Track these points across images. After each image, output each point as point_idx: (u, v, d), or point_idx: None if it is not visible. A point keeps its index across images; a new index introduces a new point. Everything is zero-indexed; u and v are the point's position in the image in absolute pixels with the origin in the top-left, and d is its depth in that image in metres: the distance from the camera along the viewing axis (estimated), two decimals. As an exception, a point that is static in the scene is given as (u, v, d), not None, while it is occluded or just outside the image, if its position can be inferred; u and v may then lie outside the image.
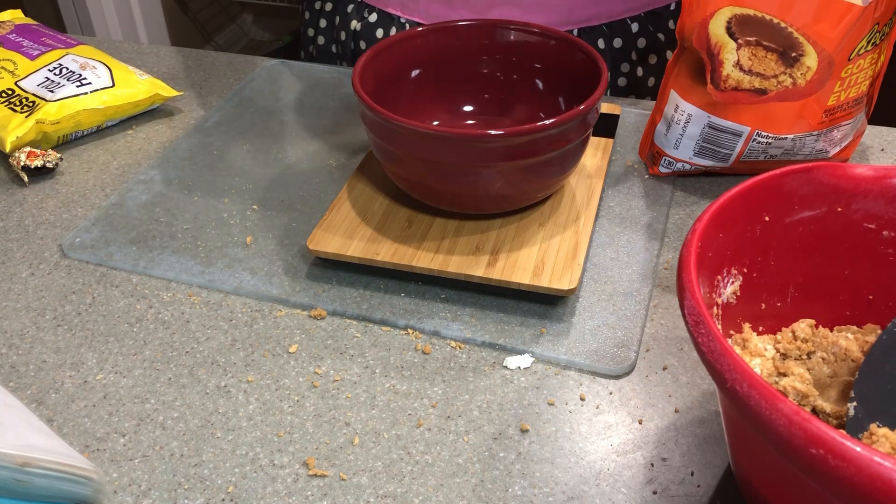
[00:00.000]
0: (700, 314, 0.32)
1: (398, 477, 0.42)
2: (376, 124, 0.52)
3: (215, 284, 0.55)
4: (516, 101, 0.63)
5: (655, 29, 0.80)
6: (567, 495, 0.41)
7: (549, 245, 0.53)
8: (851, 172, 0.41)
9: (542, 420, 0.45)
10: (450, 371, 0.48)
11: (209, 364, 0.49)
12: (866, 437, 0.36)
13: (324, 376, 0.48)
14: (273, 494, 0.42)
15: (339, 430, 0.45)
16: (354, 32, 0.84)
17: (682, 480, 0.42)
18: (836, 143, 0.60)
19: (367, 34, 0.84)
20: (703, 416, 0.45)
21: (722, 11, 0.54)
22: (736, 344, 0.41)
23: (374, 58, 0.57)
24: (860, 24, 0.53)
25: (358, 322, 0.52)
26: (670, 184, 0.63)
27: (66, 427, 0.46)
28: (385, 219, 0.56)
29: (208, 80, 0.81)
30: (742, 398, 0.29)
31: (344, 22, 0.85)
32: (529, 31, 0.60)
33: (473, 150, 0.50)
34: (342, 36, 0.86)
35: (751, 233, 0.40)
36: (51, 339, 0.51)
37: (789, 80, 0.55)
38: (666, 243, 0.57)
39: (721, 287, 0.40)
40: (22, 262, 0.58)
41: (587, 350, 0.49)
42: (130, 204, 0.63)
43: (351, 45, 0.85)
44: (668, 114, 0.60)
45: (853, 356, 0.40)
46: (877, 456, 0.25)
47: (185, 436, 0.45)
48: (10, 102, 0.69)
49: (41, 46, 0.75)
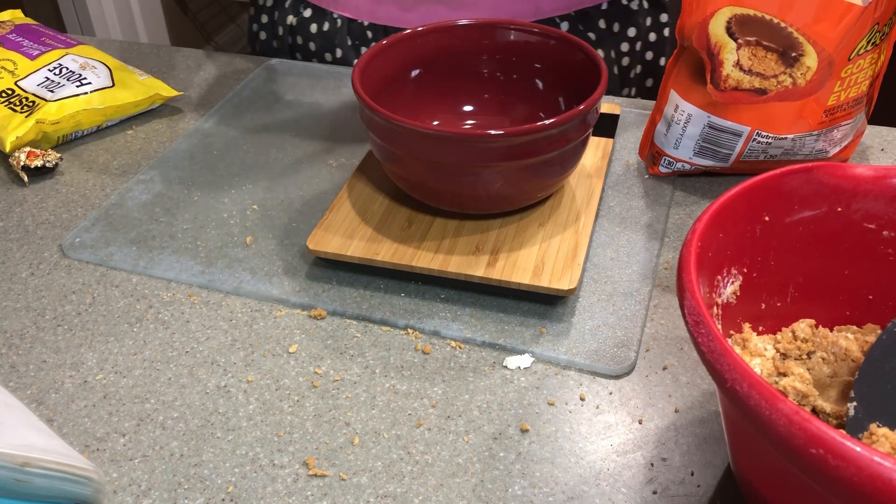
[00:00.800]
0: (700, 314, 0.32)
1: (398, 477, 0.42)
2: (376, 124, 0.52)
3: (215, 284, 0.55)
4: (516, 101, 0.63)
5: (586, 28, 0.81)
6: (567, 495, 0.41)
7: (549, 245, 0.53)
8: (851, 172, 0.41)
9: (542, 420, 0.45)
10: (450, 371, 0.48)
11: (209, 364, 0.49)
12: (866, 437, 0.36)
13: (324, 376, 0.48)
14: (273, 494, 0.42)
15: (339, 430, 0.45)
16: (291, 27, 0.87)
17: (682, 480, 0.42)
18: (836, 143, 0.60)
19: (302, 29, 0.86)
20: (703, 416, 0.45)
21: (722, 11, 0.54)
22: (736, 344, 0.41)
23: (374, 58, 0.57)
24: (860, 24, 0.53)
25: (358, 322, 0.52)
26: (670, 184, 0.63)
27: (66, 427, 0.46)
28: (385, 219, 0.56)
29: (208, 80, 0.81)
30: (742, 398, 0.29)
31: (282, 17, 0.87)
32: (529, 31, 0.60)
33: (473, 150, 0.50)
34: (280, 31, 0.88)
35: (751, 233, 0.40)
36: (51, 339, 0.51)
37: (789, 80, 0.55)
38: (666, 243, 0.57)
39: (721, 287, 0.40)
40: (22, 262, 0.58)
41: (587, 350, 0.49)
42: (130, 204, 0.63)
43: (288, 39, 0.88)
44: (668, 114, 0.60)
45: (853, 356, 0.40)
46: (877, 456, 0.25)
47: (185, 436, 0.45)
48: (10, 102, 0.69)
49: (41, 46, 0.75)
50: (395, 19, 0.81)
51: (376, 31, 0.83)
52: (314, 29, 0.85)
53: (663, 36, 0.88)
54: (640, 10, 0.84)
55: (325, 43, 0.85)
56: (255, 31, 0.93)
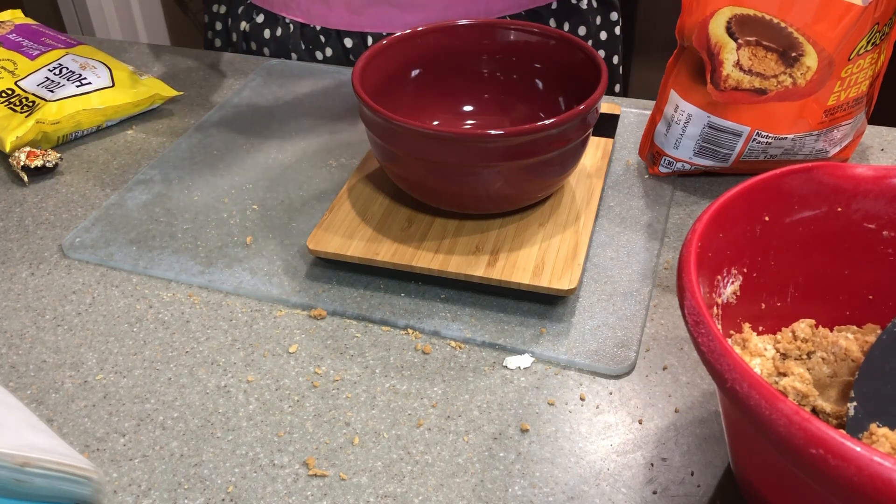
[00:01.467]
0: (700, 314, 0.32)
1: (398, 477, 0.42)
2: (376, 124, 0.52)
3: (215, 284, 0.55)
4: (516, 101, 0.63)
5: None
6: (567, 495, 0.41)
7: (549, 245, 0.53)
8: (851, 172, 0.41)
9: (542, 420, 0.45)
10: (450, 371, 0.48)
11: (209, 364, 0.49)
12: (866, 437, 0.36)
13: (324, 376, 0.48)
14: (273, 494, 0.42)
15: (339, 430, 0.45)
16: (244, 34, 0.87)
17: (682, 480, 0.42)
18: (836, 143, 0.60)
19: (255, 35, 0.86)
20: (703, 416, 0.45)
21: (722, 11, 0.54)
22: (736, 344, 0.41)
23: (374, 58, 0.57)
24: (860, 24, 0.53)
25: (358, 322, 0.52)
26: (670, 184, 0.63)
27: (66, 427, 0.46)
28: (385, 219, 0.56)
29: (208, 80, 0.81)
30: (742, 398, 0.29)
31: (235, 24, 0.88)
32: (529, 31, 0.60)
33: (473, 150, 0.50)
34: (234, 37, 0.89)
35: (751, 233, 0.40)
36: (51, 339, 0.51)
37: (789, 80, 0.55)
38: (666, 243, 0.57)
39: (721, 287, 0.40)
40: (22, 262, 0.58)
41: (587, 350, 0.49)
42: (130, 204, 0.63)
43: (242, 45, 0.88)
44: (668, 114, 0.60)
45: (853, 356, 0.40)
46: (877, 456, 0.25)
47: (185, 436, 0.45)
48: (10, 102, 0.69)
49: (41, 46, 0.75)
50: (347, 23, 0.82)
51: (328, 35, 0.83)
52: (267, 34, 0.86)
53: (614, 34, 0.89)
54: (589, 8, 0.84)
55: (278, 48, 0.86)
56: (210, 38, 0.93)
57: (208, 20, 0.93)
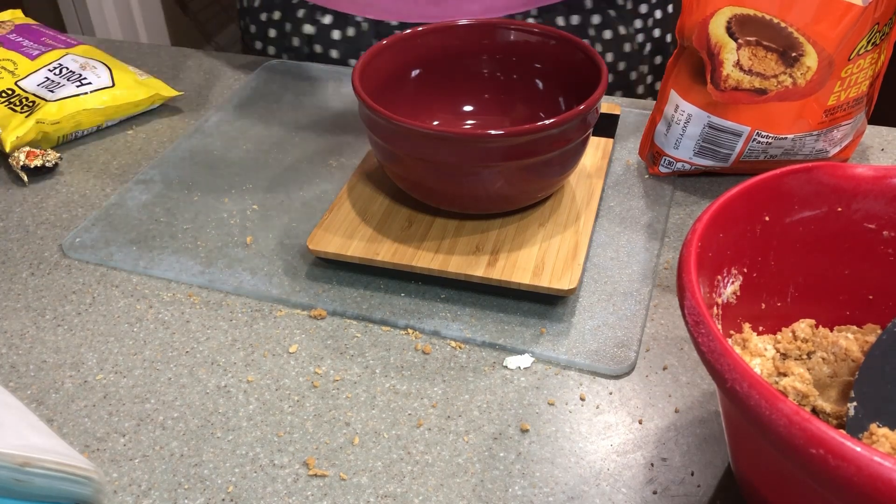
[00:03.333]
0: (700, 314, 0.32)
1: (398, 477, 0.42)
2: (376, 124, 0.52)
3: (215, 284, 0.55)
4: (516, 101, 0.63)
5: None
6: (567, 495, 0.41)
7: (549, 245, 0.53)
8: (851, 172, 0.41)
9: (542, 420, 0.45)
10: (450, 371, 0.48)
11: (209, 364, 0.49)
12: (866, 437, 0.36)
13: (324, 376, 0.48)
14: (273, 494, 0.42)
15: (339, 430, 0.45)
16: (308, 38, 0.84)
17: (682, 480, 0.42)
18: (836, 143, 0.60)
19: (322, 38, 0.83)
20: (703, 416, 0.45)
21: (722, 11, 0.54)
22: (736, 344, 0.41)
23: (374, 58, 0.57)
24: (860, 24, 0.53)
25: (358, 322, 0.52)
26: (670, 184, 0.63)
27: (66, 427, 0.46)
28: (385, 219, 0.56)
29: (208, 80, 0.81)
30: (742, 398, 0.29)
31: (296, 28, 0.84)
32: (529, 31, 0.60)
33: (473, 150, 0.50)
34: (294, 42, 0.85)
35: (751, 233, 0.40)
36: (51, 339, 0.51)
37: (789, 80, 0.55)
38: (666, 243, 0.57)
39: (721, 287, 0.40)
40: (22, 262, 0.58)
41: (587, 350, 0.49)
42: (130, 204, 0.63)
43: (305, 50, 0.85)
44: (668, 114, 0.60)
45: (853, 356, 0.40)
46: (877, 456, 0.25)
47: (185, 436, 0.45)
48: (10, 102, 0.69)
49: (41, 46, 0.75)
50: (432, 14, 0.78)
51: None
52: (336, 35, 0.82)
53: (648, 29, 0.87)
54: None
55: (349, 49, 0.82)
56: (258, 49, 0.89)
57: (256, 30, 0.88)
